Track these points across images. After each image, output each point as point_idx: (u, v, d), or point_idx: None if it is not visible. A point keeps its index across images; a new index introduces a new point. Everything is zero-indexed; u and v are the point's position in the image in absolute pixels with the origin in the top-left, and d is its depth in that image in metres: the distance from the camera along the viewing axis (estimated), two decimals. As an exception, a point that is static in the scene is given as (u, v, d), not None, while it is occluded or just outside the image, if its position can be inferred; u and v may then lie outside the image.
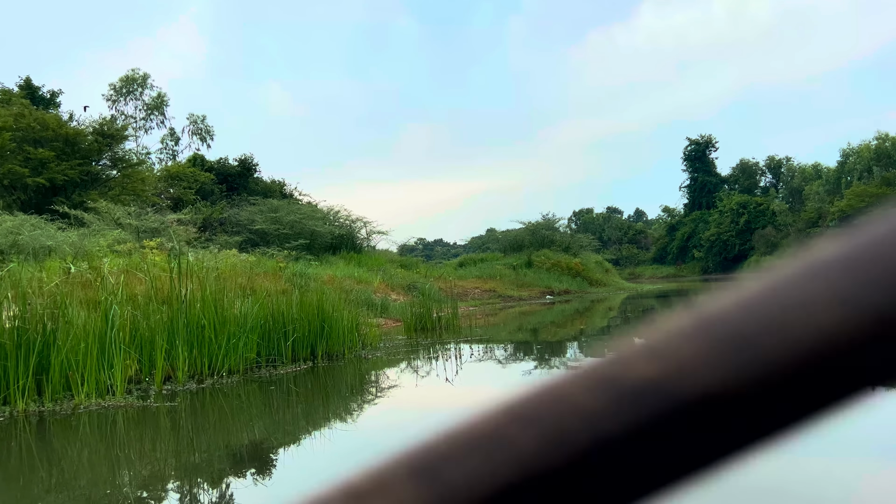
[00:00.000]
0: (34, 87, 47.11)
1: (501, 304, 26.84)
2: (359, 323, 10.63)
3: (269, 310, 8.38)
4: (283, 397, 6.50)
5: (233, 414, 5.76)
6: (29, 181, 25.88)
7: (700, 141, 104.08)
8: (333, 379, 7.53)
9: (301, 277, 17.35)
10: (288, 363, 8.41)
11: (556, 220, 45.92)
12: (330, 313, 9.11)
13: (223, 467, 4.36)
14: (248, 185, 44.55)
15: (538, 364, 8.05)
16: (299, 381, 7.32)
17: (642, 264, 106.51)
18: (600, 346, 9.41)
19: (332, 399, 6.44)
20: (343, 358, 9.09)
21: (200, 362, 7.38)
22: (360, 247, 31.50)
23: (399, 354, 9.53)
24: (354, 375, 7.74)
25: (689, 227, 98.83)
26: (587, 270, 37.17)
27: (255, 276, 15.18)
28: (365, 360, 8.97)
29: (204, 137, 62.82)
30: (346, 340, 9.56)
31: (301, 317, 8.68)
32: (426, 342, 11.15)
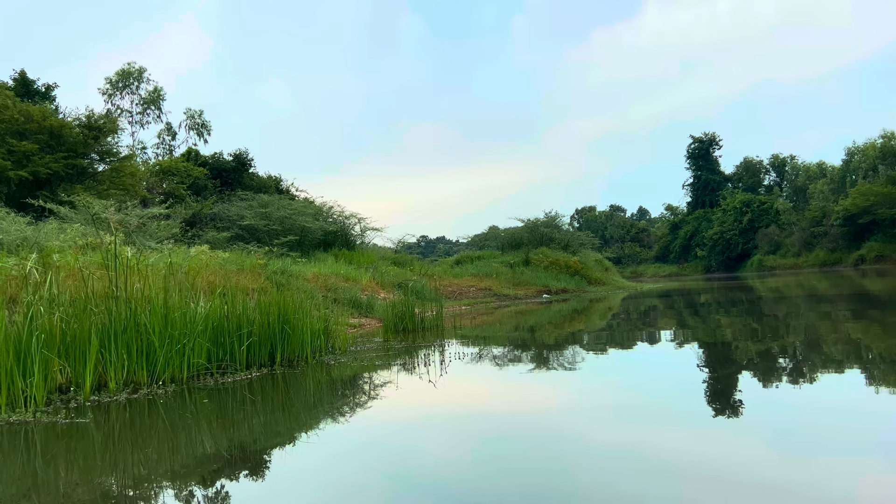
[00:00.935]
0: (29, 81, 46.40)
1: (496, 303, 26.10)
2: (329, 324, 9.88)
3: (222, 310, 7.64)
4: (216, 411, 5.76)
5: (142, 431, 5.02)
6: (11, 174, 25.16)
7: (704, 139, 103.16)
8: (287, 388, 6.78)
9: (282, 275, 16.63)
10: (242, 369, 7.67)
11: (558, 217, 45.21)
12: (292, 314, 8.36)
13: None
14: (242, 181, 43.86)
15: (523, 374, 7.19)
16: (244, 392, 6.57)
17: (644, 263, 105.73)
18: (598, 358, 8.63)
19: (273, 413, 5.70)
20: (306, 364, 8.33)
21: (138, 369, 6.64)
22: (353, 243, 30.77)
23: (368, 360, 8.76)
24: (311, 384, 6.99)
25: (692, 225, 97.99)
26: (586, 269, 36.38)
27: (228, 273, 14.44)
28: (328, 367, 8.20)
29: (201, 132, 62.24)
30: (311, 344, 8.81)
31: (260, 318, 7.94)
32: (401, 346, 10.38)
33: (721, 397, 6.17)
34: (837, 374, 6.93)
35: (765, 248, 79.75)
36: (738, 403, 5.78)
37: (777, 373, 7.22)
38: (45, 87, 48.93)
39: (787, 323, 13.74)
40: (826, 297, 22.28)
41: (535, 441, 4.75)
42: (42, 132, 26.74)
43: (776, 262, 75.83)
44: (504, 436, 4.97)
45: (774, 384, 6.58)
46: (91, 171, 29.27)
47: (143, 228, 18.68)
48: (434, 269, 32.32)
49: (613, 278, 41.20)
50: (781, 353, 8.79)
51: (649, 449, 4.44)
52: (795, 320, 14.39)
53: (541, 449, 4.53)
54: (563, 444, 4.67)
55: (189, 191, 38.68)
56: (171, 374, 6.88)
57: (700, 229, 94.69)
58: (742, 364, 8.03)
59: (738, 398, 6.00)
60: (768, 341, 10.18)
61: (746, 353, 8.83)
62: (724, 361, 8.38)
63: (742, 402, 5.83)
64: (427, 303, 21.61)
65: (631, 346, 11.04)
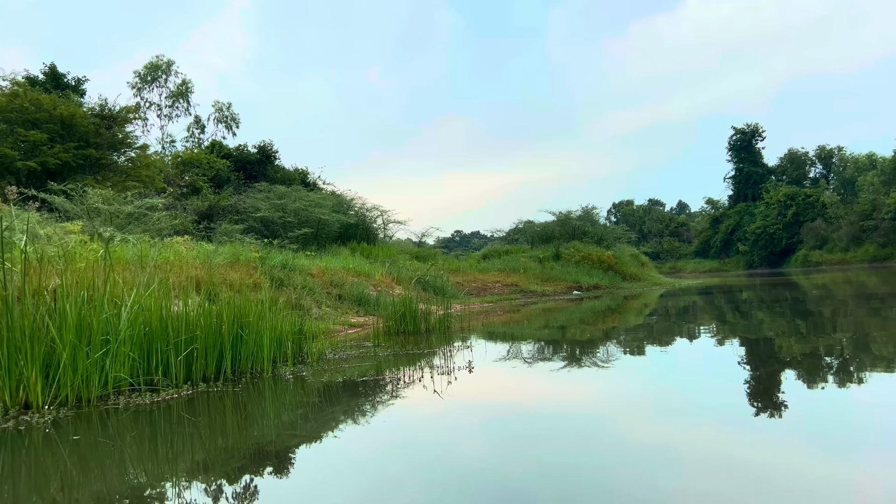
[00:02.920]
0: (59, 75, 46.03)
1: (522, 300, 24.53)
2: (303, 328, 8.45)
3: (157, 314, 6.27)
4: (109, 444, 4.43)
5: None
6: (20, 165, 24.36)
7: (746, 130, 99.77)
8: (222, 408, 5.40)
9: (283, 269, 15.33)
10: (180, 384, 6.30)
11: (594, 210, 43.39)
12: (251, 318, 6.97)
13: None
14: (266, 173, 42.89)
15: (535, 414, 5.54)
16: (161, 415, 5.22)
17: (684, 258, 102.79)
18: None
19: (177, 448, 4.32)
20: (259, 378, 6.94)
21: (30, 387, 5.31)
22: (373, 237, 29.41)
23: (339, 372, 7.31)
24: (249, 405, 5.58)
25: (733, 219, 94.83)
26: (620, 264, 34.52)
27: (217, 268, 13.16)
28: (284, 383, 6.80)
29: (229, 125, 61.63)
30: (274, 353, 7.41)
31: (207, 323, 6.56)
32: (387, 354, 8.92)
33: (763, 396, 5.95)
34: (887, 374, 6.65)
35: (810, 243, 76.55)
36: (780, 402, 5.60)
37: (822, 372, 6.97)
38: (76, 81, 48.59)
39: (835, 321, 13.03)
40: (877, 295, 20.34)
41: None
42: (53, 121, 25.91)
43: (822, 258, 72.71)
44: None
45: (820, 383, 6.35)
46: (106, 163, 28.39)
47: (140, 219, 17.54)
48: (458, 264, 30.84)
49: (650, 274, 39.24)
50: (828, 352, 8.43)
51: (688, 447, 4.40)
52: (843, 318, 13.51)
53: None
54: (598, 444, 4.50)
55: (211, 183, 37.81)
56: (76, 393, 5.53)
57: (742, 223, 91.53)
58: (786, 362, 7.76)
59: (780, 397, 5.80)
60: (814, 340, 9.79)
61: (790, 352, 8.52)
62: (766, 360, 8.06)
63: (785, 401, 5.62)
64: (446, 299, 20.10)
65: (669, 345, 10.10)
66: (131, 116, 29.44)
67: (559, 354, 9.14)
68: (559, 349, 9.63)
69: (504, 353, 9.06)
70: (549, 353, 9.24)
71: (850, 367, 7.18)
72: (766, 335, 10.92)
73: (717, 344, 10.18)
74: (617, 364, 8.00)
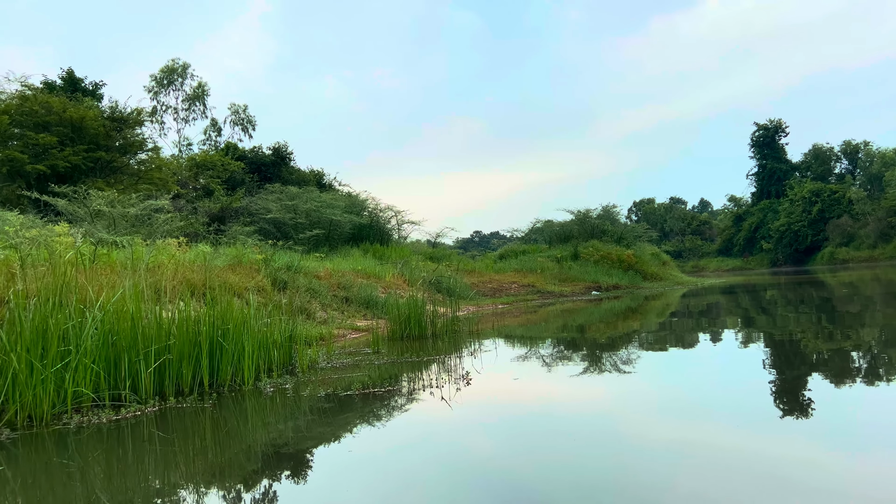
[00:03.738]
0: (76, 79, 46.05)
1: (539, 300, 23.86)
2: (294, 335, 7.87)
3: (125, 321, 5.73)
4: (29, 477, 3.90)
5: None
6: (28, 168, 24.12)
7: (769, 126, 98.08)
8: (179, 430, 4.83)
9: (288, 271, 14.82)
10: (149, 399, 5.75)
11: (614, 208, 42.50)
12: (231, 325, 6.41)
13: None
14: (281, 175, 42.54)
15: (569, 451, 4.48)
16: (106, 438, 4.67)
17: (706, 256, 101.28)
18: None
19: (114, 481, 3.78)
20: (237, 392, 6.37)
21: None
22: (387, 238, 28.86)
23: (325, 385, 6.70)
24: (208, 427, 5.01)
25: (756, 216, 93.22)
26: (641, 263, 33.68)
27: (217, 270, 12.66)
28: (263, 395, 6.22)
29: (246, 128, 61.50)
30: (258, 362, 6.84)
31: (183, 331, 6.01)
32: (385, 362, 8.31)
33: (788, 399, 5.75)
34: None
35: (836, 240, 74.92)
36: (806, 404, 5.48)
37: (850, 373, 6.75)
38: (93, 86, 48.66)
39: (864, 320, 12.59)
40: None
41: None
42: (63, 124, 25.68)
43: (849, 255, 71.11)
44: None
45: (849, 384, 6.18)
46: (117, 166, 28.12)
47: (144, 222, 17.12)
48: (474, 265, 30.21)
49: (671, 273, 38.34)
50: (856, 353, 8.17)
51: (710, 449, 4.36)
52: (873, 317, 13.05)
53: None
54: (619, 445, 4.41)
55: (225, 185, 37.52)
56: (27, 411, 5.00)
57: (766, 221, 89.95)
58: (813, 364, 7.58)
59: (807, 400, 5.63)
60: (841, 340, 9.52)
61: (818, 353, 8.34)
62: (792, 361, 7.84)
63: (812, 404, 5.48)
64: (454, 301, 19.52)
65: (693, 348, 9.65)
66: (142, 119, 29.16)
67: (575, 365, 8.28)
68: (576, 359, 8.82)
69: (514, 360, 8.41)
70: (565, 363, 8.40)
71: (881, 370, 6.91)
72: (792, 336, 10.56)
73: (743, 345, 9.83)
74: (643, 373, 7.35)
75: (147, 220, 17.62)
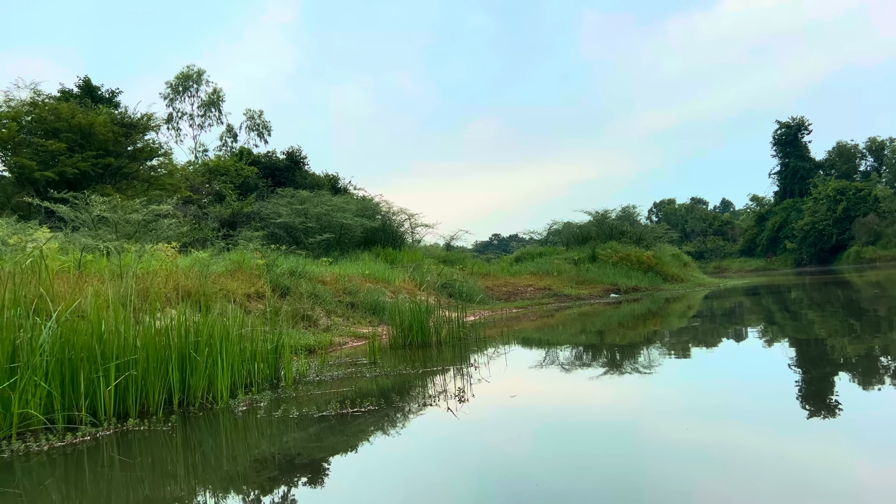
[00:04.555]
0: (93, 87, 46.10)
1: (556, 304, 23.18)
2: (279, 346, 7.29)
3: (85, 335, 5.21)
4: None
5: None
6: (37, 175, 23.90)
7: (791, 124, 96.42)
8: (114, 461, 4.29)
9: (291, 277, 14.32)
10: (108, 420, 5.22)
11: (633, 209, 41.65)
12: (205, 337, 5.86)
13: None
14: (295, 179, 42.19)
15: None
16: (36, 470, 4.14)
17: (729, 257, 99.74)
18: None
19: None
20: (207, 411, 5.82)
21: None
22: (399, 241, 28.32)
23: (305, 402, 6.12)
24: (148, 457, 4.44)
25: (780, 216, 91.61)
26: (661, 264, 32.85)
27: (214, 277, 12.19)
28: (233, 415, 5.66)
29: (261, 133, 61.33)
30: (237, 377, 6.29)
31: (148, 344, 5.48)
32: (379, 374, 7.71)
33: (817, 404, 5.56)
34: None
35: (862, 239, 73.30)
36: (833, 406, 5.35)
37: (880, 376, 6.57)
38: (110, 94, 48.75)
39: (891, 320, 12.19)
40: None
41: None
42: (72, 130, 25.45)
43: (876, 254, 69.49)
44: None
45: (876, 386, 6.06)
46: (127, 172, 27.86)
47: (148, 227, 16.71)
48: (489, 268, 29.58)
49: (693, 274, 37.45)
50: (885, 356, 7.95)
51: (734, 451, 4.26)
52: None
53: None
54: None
55: (238, 190, 37.22)
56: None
57: (789, 220, 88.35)
58: (841, 365, 7.36)
59: (835, 404, 5.44)
60: (868, 340, 9.29)
61: (846, 356, 8.06)
62: (819, 364, 7.62)
63: (838, 404, 5.38)
64: (460, 306, 18.94)
65: (720, 353, 9.18)
66: (152, 124, 28.88)
67: (590, 381, 7.31)
68: (591, 373, 7.89)
69: (520, 373, 7.79)
70: (578, 378, 7.54)
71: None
72: (818, 337, 10.20)
73: (766, 345, 9.52)
74: (669, 379, 6.72)
75: (151, 225, 17.23)
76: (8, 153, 24.98)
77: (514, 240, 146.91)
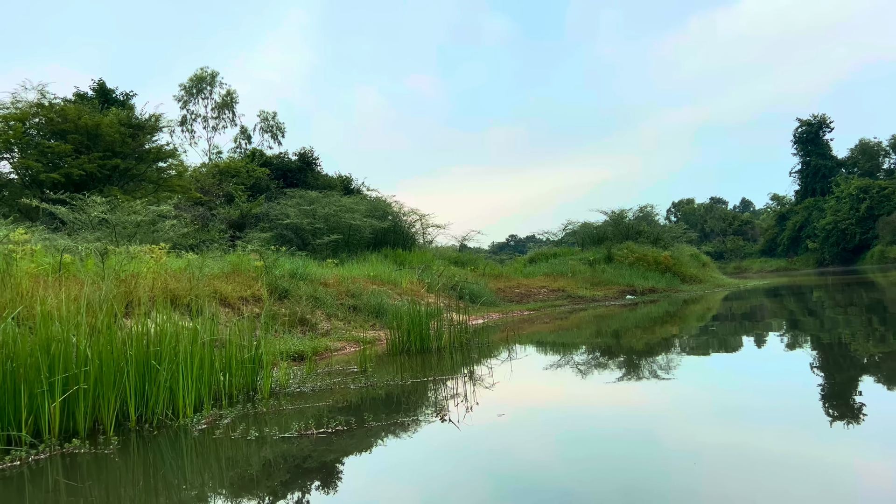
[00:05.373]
0: (108, 90, 46.05)
1: (570, 306, 22.55)
2: (257, 356, 6.72)
3: (28, 344, 4.71)
4: None
5: None
6: (42, 177, 23.65)
7: (812, 121, 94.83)
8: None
9: (291, 279, 13.83)
10: (53, 438, 4.71)
11: (650, 209, 40.76)
12: (167, 346, 5.34)
13: None
14: (307, 180, 41.81)
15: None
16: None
17: (749, 257, 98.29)
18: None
19: None
20: (168, 427, 5.28)
21: None
22: (410, 243, 27.76)
23: (274, 420, 5.53)
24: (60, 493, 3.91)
25: (801, 215, 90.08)
26: (679, 265, 32.06)
27: (205, 279, 11.71)
28: (190, 435, 5.12)
29: (275, 135, 61.12)
30: (204, 390, 5.76)
31: (105, 354, 4.97)
32: (365, 385, 7.14)
33: (840, 406, 5.41)
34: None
35: (887, 238, 71.77)
36: (859, 410, 5.16)
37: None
38: (124, 96, 48.70)
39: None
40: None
41: None
42: (78, 132, 25.17)
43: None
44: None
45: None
46: (134, 173, 27.55)
47: (147, 228, 16.30)
48: (501, 269, 28.99)
49: (712, 275, 36.60)
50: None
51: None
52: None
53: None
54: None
55: (249, 192, 36.89)
56: None
57: (811, 219, 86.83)
58: (864, 368, 7.15)
59: (861, 411, 5.18)
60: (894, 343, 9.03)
61: (868, 355, 7.89)
62: (841, 367, 7.40)
63: (863, 408, 5.20)
64: (482, 308, 18.36)
65: (748, 363, 8.42)
66: (160, 125, 28.58)
67: (603, 403, 6.36)
68: (603, 392, 6.90)
69: (524, 389, 7.17)
70: (588, 399, 6.59)
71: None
72: (842, 340, 9.79)
73: (788, 348, 9.12)
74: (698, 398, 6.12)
75: (152, 226, 16.83)
76: (14, 155, 24.78)
77: (531, 241, 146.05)
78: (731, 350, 9.91)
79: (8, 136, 23.83)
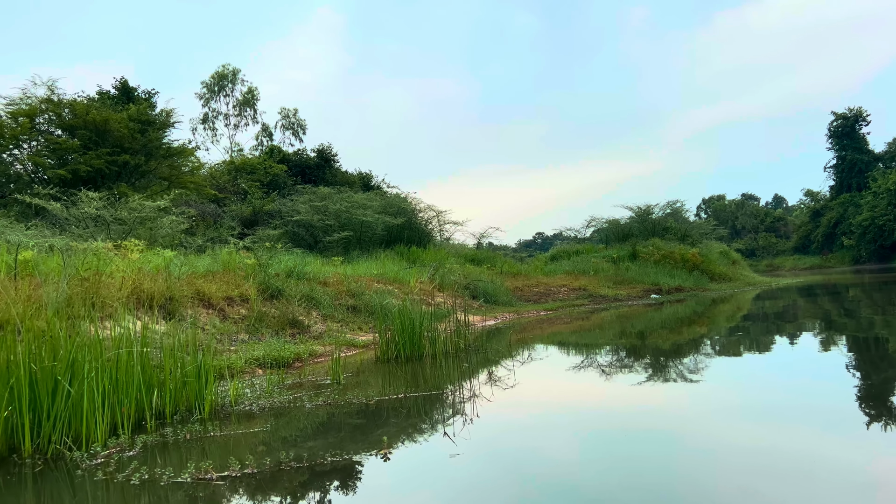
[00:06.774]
0: (130, 88, 45.83)
1: (590, 305, 21.48)
2: (202, 367, 5.79)
3: None
4: None
5: None
6: (49, 173, 23.17)
7: (848, 115, 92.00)
8: None
9: (288, 278, 12.99)
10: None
11: (679, 205, 39.22)
12: (65, 360, 4.47)
13: None
14: (325, 177, 41.11)
15: None
16: None
17: (782, 255, 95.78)
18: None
19: None
20: (67, 457, 4.40)
21: None
22: (426, 240, 26.83)
23: (189, 449, 4.59)
24: None
25: (836, 211, 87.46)
26: (707, 262, 30.73)
27: (189, 278, 10.91)
28: (85, 468, 4.24)
29: (296, 132, 60.60)
30: (114, 414, 4.87)
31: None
32: (322, 404, 6.20)
33: (875, 408, 5.08)
34: None
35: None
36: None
37: None
38: (146, 94, 48.48)
39: None
40: None
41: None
42: (86, 127, 24.67)
43: (942, 250, 65.55)
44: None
45: None
46: (144, 170, 26.99)
47: (144, 225, 15.60)
48: (521, 267, 27.96)
49: (742, 273, 35.17)
50: None
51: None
52: None
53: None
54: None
55: (266, 189, 36.28)
56: None
57: (846, 216, 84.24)
58: None
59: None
60: None
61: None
62: (878, 368, 7.18)
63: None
64: (497, 308, 17.35)
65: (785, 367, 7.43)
66: (171, 121, 28.02)
67: (625, 438, 4.94)
68: (628, 416, 5.81)
69: (520, 415, 6.11)
70: (603, 435, 5.12)
71: None
72: (880, 338, 9.44)
73: (823, 349, 8.04)
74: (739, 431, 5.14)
75: (148, 223, 16.13)
76: (23, 150, 24.35)
77: (559, 238, 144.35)
78: (762, 351, 8.96)
79: (16, 131, 23.38)
